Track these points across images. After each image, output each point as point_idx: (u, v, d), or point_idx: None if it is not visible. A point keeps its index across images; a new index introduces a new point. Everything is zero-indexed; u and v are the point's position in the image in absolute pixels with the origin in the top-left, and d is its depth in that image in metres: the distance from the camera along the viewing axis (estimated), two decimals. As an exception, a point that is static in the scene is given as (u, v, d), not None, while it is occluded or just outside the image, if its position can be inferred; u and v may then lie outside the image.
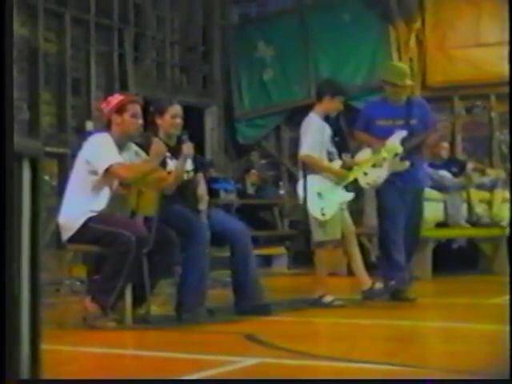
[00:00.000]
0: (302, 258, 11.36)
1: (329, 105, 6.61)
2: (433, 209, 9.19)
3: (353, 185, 6.83)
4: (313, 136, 6.53)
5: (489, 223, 9.90)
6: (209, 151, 13.04)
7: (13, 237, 1.67)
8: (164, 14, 12.47)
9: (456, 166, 10.26)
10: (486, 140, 11.79)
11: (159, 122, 5.92)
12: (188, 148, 5.70)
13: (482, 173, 10.63)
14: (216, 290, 7.51)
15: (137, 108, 5.64)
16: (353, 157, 7.00)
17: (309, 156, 6.54)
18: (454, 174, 9.94)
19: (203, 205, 5.98)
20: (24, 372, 1.70)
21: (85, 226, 5.36)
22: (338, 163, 6.59)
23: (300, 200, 6.56)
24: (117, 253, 5.23)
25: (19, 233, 1.71)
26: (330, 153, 6.58)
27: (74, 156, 5.77)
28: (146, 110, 6.00)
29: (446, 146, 10.45)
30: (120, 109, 5.56)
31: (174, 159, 5.77)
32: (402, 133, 6.67)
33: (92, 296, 5.33)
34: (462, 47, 11.60)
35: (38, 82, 9.99)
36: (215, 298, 6.63)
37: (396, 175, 6.72)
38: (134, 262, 5.24)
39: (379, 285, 6.56)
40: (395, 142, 6.64)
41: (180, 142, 5.79)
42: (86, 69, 10.89)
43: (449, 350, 4.59)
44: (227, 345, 4.77)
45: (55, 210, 5.79)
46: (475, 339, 4.97)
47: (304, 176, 6.55)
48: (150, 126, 5.99)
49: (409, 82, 6.90)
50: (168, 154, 5.74)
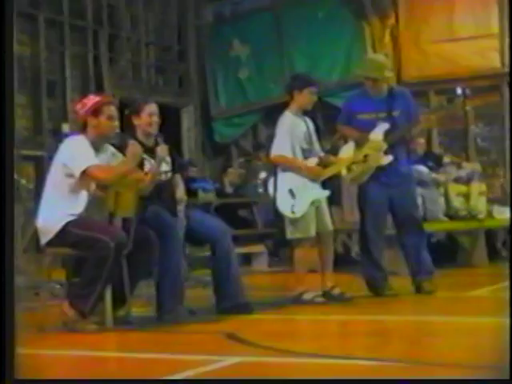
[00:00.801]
0: (282, 255, 11.40)
1: (300, 99, 6.56)
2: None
3: (330, 182, 6.83)
4: (283, 135, 6.50)
5: (466, 216, 9.95)
6: (186, 151, 13.02)
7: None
8: (138, 15, 12.44)
9: (432, 160, 10.30)
10: (461, 134, 11.86)
11: (136, 122, 5.90)
12: (162, 150, 5.69)
13: (459, 166, 10.68)
14: (197, 290, 7.51)
15: (112, 109, 5.61)
16: (333, 153, 6.99)
17: (279, 156, 6.53)
18: (431, 168, 9.97)
19: (182, 206, 5.97)
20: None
21: (63, 230, 5.33)
22: (314, 160, 6.57)
23: (271, 198, 6.56)
24: (95, 258, 5.20)
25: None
26: (304, 150, 6.57)
27: (50, 158, 5.73)
28: (121, 111, 5.97)
29: (421, 141, 10.48)
30: (95, 111, 5.52)
31: (152, 160, 5.75)
32: (385, 126, 6.66)
33: (70, 301, 5.31)
34: (436, 42, 11.66)
35: (12, 84, 9.92)
36: (196, 297, 6.63)
37: (381, 170, 6.70)
38: (112, 266, 5.21)
39: (337, 290, 6.55)
40: (378, 136, 6.63)
41: (155, 145, 5.77)
42: (61, 71, 10.84)
43: (429, 343, 4.62)
44: (209, 344, 4.76)
45: (33, 213, 5.75)
46: (456, 332, 5.00)
47: (274, 174, 6.54)
48: (127, 127, 5.97)
49: (388, 73, 6.90)
50: (145, 156, 5.72)
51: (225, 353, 4.27)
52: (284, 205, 6.46)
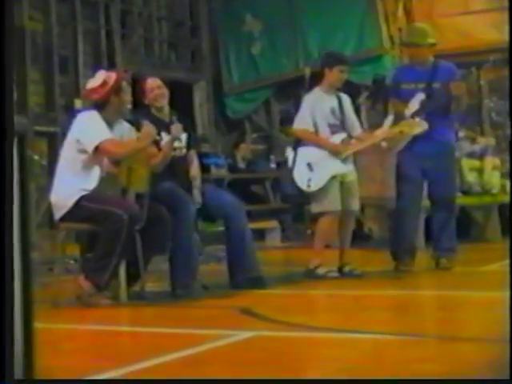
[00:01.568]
0: (296, 231, 11.40)
1: (330, 76, 6.59)
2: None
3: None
4: (304, 110, 6.56)
5: (480, 191, 9.91)
6: (198, 126, 12.98)
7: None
8: (150, -11, 12.38)
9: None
10: (475, 108, 11.77)
11: (145, 101, 5.94)
12: (177, 129, 5.69)
13: (473, 141, 10.62)
14: (210, 265, 7.53)
15: (126, 85, 5.66)
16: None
17: (299, 130, 6.57)
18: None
19: (197, 182, 5.99)
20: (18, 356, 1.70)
21: (77, 204, 5.34)
22: (340, 136, 6.56)
23: (284, 173, 6.61)
24: (109, 231, 5.22)
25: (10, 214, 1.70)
26: (331, 125, 6.57)
27: (63, 134, 5.74)
28: (133, 86, 5.97)
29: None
30: (118, 89, 5.53)
31: (168, 135, 5.76)
32: (421, 96, 6.63)
33: (85, 274, 5.33)
34: (450, 15, 11.54)
35: (25, 61, 9.92)
36: (209, 272, 6.64)
37: (415, 139, 6.64)
38: (126, 239, 5.23)
39: (348, 267, 6.53)
40: (414, 106, 6.61)
41: (170, 121, 5.78)
42: (73, 47, 10.81)
43: (445, 317, 4.61)
44: (223, 319, 4.77)
45: (46, 189, 5.77)
46: (471, 306, 4.99)
47: (294, 147, 6.56)
48: (140, 106, 6.01)
49: (431, 40, 6.84)
50: (158, 137, 5.71)
51: (239, 327, 4.28)
52: (301, 178, 6.49)
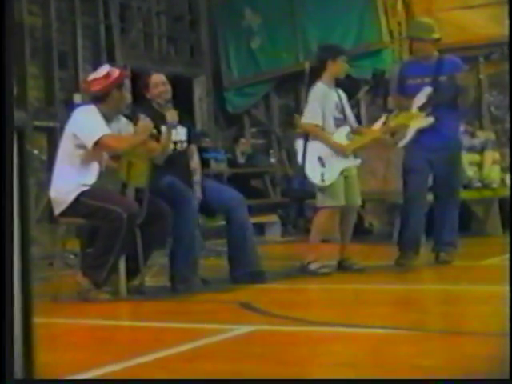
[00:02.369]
0: (295, 225, 11.40)
1: (334, 68, 6.56)
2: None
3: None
4: (313, 104, 6.51)
5: (480, 185, 9.91)
6: (198, 121, 12.98)
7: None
8: (149, -16, 12.36)
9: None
10: (475, 102, 11.76)
11: (148, 95, 5.94)
12: (172, 115, 5.68)
13: (472, 135, 10.62)
14: (210, 260, 7.53)
15: (127, 82, 5.67)
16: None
17: (307, 124, 6.52)
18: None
19: (197, 176, 5.98)
20: (18, 354, 1.69)
21: (76, 200, 5.34)
22: (345, 130, 6.55)
23: (292, 167, 6.57)
24: (108, 229, 5.21)
25: (11, 208, 1.69)
26: (336, 119, 6.56)
27: (62, 129, 5.73)
28: (133, 81, 5.97)
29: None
30: (121, 84, 5.55)
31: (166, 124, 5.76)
32: (428, 89, 6.62)
33: (83, 271, 5.34)
34: (449, 10, 11.52)
35: (24, 56, 9.91)
36: (209, 267, 6.64)
37: (421, 132, 6.64)
38: (125, 237, 5.23)
39: (348, 262, 6.54)
40: (421, 100, 6.59)
41: (165, 111, 5.77)
42: (73, 41, 10.79)
43: (445, 312, 4.62)
44: (223, 313, 4.78)
45: (46, 184, 5.76)
46: (471, 300, 5.00)
47: (304, 143, 6.49)
48: (141, 100, 5.99)
49: (435, 35, 6.83)
50: (155, 131, 5.69)
51: (239, 322, 4.28)
52: (313, 173, 6.41)
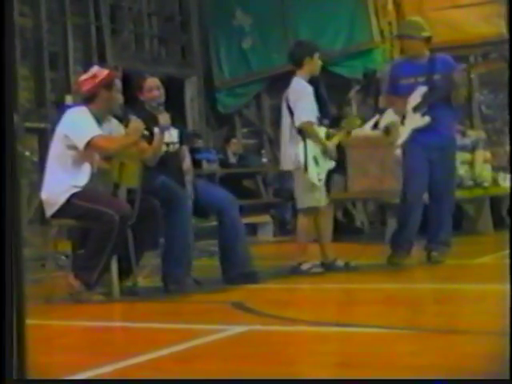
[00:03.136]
0: (287, 225, 11.41)
1: (311, 65, 6.53)
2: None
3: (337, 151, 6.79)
4: (306, 101, 6.44)
5: (471, 184, 9.93)
6: (190, 121, 12.98)
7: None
8: (139, -15, 12.35)
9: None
10: (466, 101, 11.79)
11: (141, 97, 5.93)
12: (164, 118, 5.67)
13: (463, 134, 10.64)
14: (202, 260, 7.53)
15: (119, 83, 5.65)
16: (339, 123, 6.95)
17: (308, 122, 6.41)
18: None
19: (189, 176, 5.98)
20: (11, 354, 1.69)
21: (68, 202, 5.33)
22: (324, 129, 6.55)
23: (287, 166, 6.52)
24: (100, 231, 5.20)
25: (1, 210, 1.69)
26: (317, 118, 6.52)
27: (54, 130, 5.72)
28: (124, 82, 5.96)
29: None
30: (109, 84, 5.52)
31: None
32: (422, 89, 6.62)
33: (75, 273, 5.33)
34: (440, 9, 11.54)
35: (14, 56, 9.88)
36: (202, 267, 6.64)
37: (419, 131, 6.63)
38: (117, 239, 5.22)
39: (340, 262, 6.55)
40: (416, 100, 6.60)
41: (157, 113, 5.76)
42: (63, 42, 10.78)
43: (437, 310, 4.63)
44: (216, 314, 4.78)
45: (38, 185, 5.76)
46: (462, 299, 5.01)
47: (303, 141, 6.40)
48: (134, 101, 5.98)
49: (426, 33, 6.83)
50: (146, 133, 5.69)
51: (232, 322, 4.28)
52: (312, 172, 6.39)
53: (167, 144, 5.86)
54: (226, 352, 3.58)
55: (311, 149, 6.40)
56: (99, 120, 5.50)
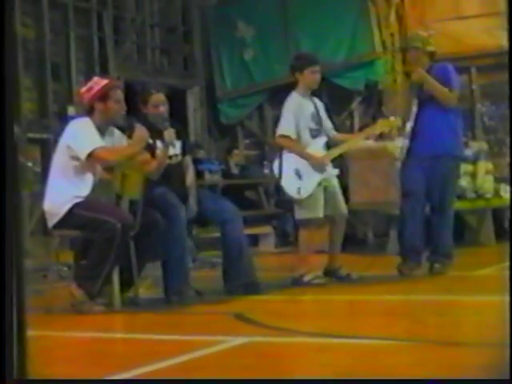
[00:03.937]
0: (289, 236, 11.40)
1: (303, 79, 6.51)
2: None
3: (337, 161, 6.80)
4: (287, 116, 6.46)
5: (473, 195, 9.93)
6: (192, 132, 13.00)
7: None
8: (142, -4, 12.39)
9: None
10: (467, 112, 11.80)
11: (144, 110, 5.93)
12: (170, 134, 5.67)
13: (465, 145, 10.64)
14: (204, 271, 7.52)
15: (119, 93, 5.61)
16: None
17: (283, 137, 6.46)
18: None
19: (193, 188, 5.99)
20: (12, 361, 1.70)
21: (70, 212, 5.34)
22: (322, 140, 6.55)
23: (277, 179, 6.54)
24: (102, 240, 5.21)
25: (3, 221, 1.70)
26: (312, 130, 6.54)
27: (56, 141, 5.74)
28: (127, 93, 5.97)
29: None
30: (103, 96, 5.51)
31: (162, 142, 5.74)
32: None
33: (77, 282, 5.33)
34: (441, 20, 11.57)
35: (17, 67, 9.90)
36: (203, 278, 6.64)
37: (414, 142, 6.63)
38: (119, 247, 5.22)
39: (344, 271, 6.56)
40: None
41: (164, 127, 5.76)
42: (66, 53, 10.81)
43: (437, 322, 4.62)
44: (217, 325, 4.77)
45: (40, 196, 5.76)
46: (465, 311, 5.00)
47: (280, 154, 6.47)
48: (135, 111, 5.98)
49: (431, 48, 6.85)
50: (151, 141, 5.70)
51: (233, 333, 4.28)
52: (290, 186, 6.39)
53: (170, 156, 5.87)
54: (227, 363, 3.57)
55: (291, 162, 6.41)
56: (102, 131, 5.51)
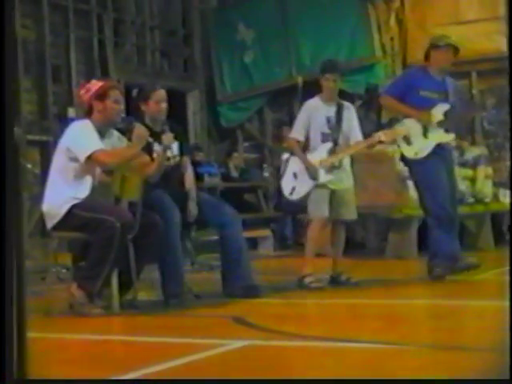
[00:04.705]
0: (288, 240, 11.41)
1: (323, 84, 6.65)
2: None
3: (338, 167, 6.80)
4: (299, 118, 6.68)
5: (472, 200, 9.94)
6: (192, 135, 13.01)
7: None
8: (142, -1, 12.40)
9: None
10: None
11: (143, 107, 5.92)
12: (168, 138, 5.67)
13: (465, 150, 10.64)
14: (202, 274, 7.52)
15: (118, 93, 5.61)
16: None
17: (289, 139, 6.75)
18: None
19: (192, 191, 5.98)
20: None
21: (69, 213, 5.33)
22: (328, 145, 6.58)
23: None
24: (102, 239, 5.21)
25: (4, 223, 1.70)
26: (324, 134, 6.60)
27: (56, 143, 5.73)
28: (127, 95, 5.96)
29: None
30: (101, 95, 5.52)
31: (160, 144, 5.74)
32: (445, 106, 6.69)
33: (78, 283, 5.32)
34: (441, 25, 11.57)
35: (17, 69, 9.90)
36: (202, 281, 6.63)
37: (439, 147, 6.68)
38: (119, 247, 5.22)
39: (344, 276, 6.58)
40: (438, 115, 6.65)
41: (162, 130, 5.76)
42: (66, 55, 10.82)
43: (437, 326, 4.62)
44: (216, 328, 4.77)
45: (39, 198, 5.76)
46: (464, 315, 5.00)
47: (289, 156, 6.69)
48: (134, 111, 5.97)
49: (450, 41, 6.83)
50: (151, 140, 5.71)
51: (232, 336, 4.27)
52: (286, 186, 6.62)
53: (168, 158, 5.86)
54: (226, 366, 3.57)
55: (293, 164, 6.62)
56: (102, 133, 5.51)
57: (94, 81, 5.79)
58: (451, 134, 6.75)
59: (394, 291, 6.31)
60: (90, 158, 5.34)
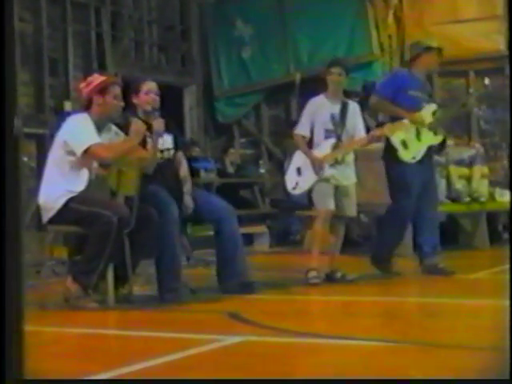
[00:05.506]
0: (283, 236, 11.41)
1: (328, 80, 6.67)
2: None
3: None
4: (304, 114, 6.71)
5: (468, 199, 9.94)
6: (188, 130, 12.99)
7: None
8: (140, -7, 12.37)
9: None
10: (464, 116, 11.81)
11: (135, 101, 5.91)
12: (158, 123, 5.65)
13: (461, 149, 10.65)
14: (198, 270, 7.52)
15: (118, 89, 5.62)
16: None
17: (294, 135, 6.74)
18: (433, 151, 9.94)
19: (188, 185, 5.97)
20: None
21: (65, 206, 5.33)
22: (331, 141, 6.59)
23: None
24: (98, 233, 5.20)
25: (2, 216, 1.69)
26: (327, 130, 6.62)
27: (52, 136, 5.72)
28: (124, 90, 5.96)
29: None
30: (102, 89, 5.52)
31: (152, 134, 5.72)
32: (433, 106, 6.78)
33: (73, 276, 5.31)
34: (439, 23, 11.58)
35: (14, 62, 9.87)
36: (197, 277, 6.63)
37: (430, 149, 6.81)
38: (115, 241, 5.22)
39: (339, 273, 6.60)
40: (427, 115, 6.72)
41: (151, 119, 5.74)
42: (64, 49, 10.79)
43: (432, 325, 4.62)
44: (211, 323, 4.77)
45: (35, 191, 5.74)
46: (457, 314, 5.00)
47: (291, 153, 6.81)
48: (128, 106, 5.96)
49: (435, 44, 6.94)
50: (148, 133, 5.70)
51: (227, 332, 4.27)
52: (290, 181, 6.67)
53: (161, 151, 5.85)
54: (220, 362, 3.57)
55: (298, 159, 6.68)
56: (100, 127, 5.50)
57: (96, 75, 5.79)
58: (440, 136, 6.78)
59: (388, 289, 6.32)
60: (86, 151, 5.33)
